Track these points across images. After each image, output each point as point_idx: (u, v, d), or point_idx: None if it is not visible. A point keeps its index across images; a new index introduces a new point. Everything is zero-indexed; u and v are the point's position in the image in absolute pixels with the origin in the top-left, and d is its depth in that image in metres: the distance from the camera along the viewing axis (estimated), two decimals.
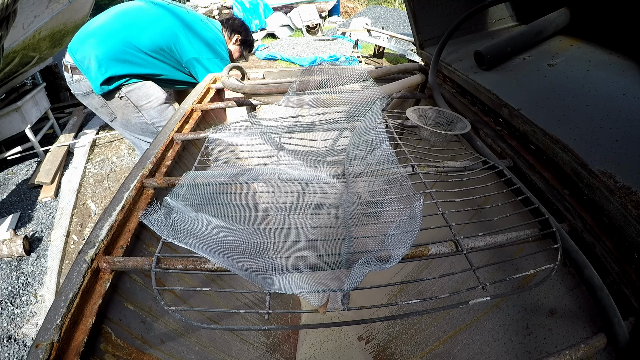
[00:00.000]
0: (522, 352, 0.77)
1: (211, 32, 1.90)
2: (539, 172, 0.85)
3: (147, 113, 1.85)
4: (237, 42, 2.05)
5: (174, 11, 1.82)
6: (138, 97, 1.79)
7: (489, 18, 1.49)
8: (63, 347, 0.55)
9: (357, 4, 10.27)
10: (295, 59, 5.48)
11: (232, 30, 2.01)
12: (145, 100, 1.81)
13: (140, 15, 1.75)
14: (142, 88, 1.79)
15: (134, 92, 1.78)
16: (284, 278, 0.56)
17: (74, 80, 1.74)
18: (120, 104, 1.79)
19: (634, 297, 0.60)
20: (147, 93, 1.81)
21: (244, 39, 2.06)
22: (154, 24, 1.74)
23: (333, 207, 0.83)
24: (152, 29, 1.73)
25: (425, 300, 0.59)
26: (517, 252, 0.89)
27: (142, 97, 1.80)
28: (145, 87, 1.80)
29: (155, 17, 1.76)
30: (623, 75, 0.91)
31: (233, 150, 1.00)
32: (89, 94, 1.77)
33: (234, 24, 2.03)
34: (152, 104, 1.83)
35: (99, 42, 1.66)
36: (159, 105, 1.85)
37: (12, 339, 1.68)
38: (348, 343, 1.37)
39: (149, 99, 1.81)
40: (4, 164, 3.10)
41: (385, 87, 1.11)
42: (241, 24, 2.06)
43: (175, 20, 1.78)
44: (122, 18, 1.73)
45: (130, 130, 1.93)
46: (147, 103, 1.82)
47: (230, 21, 2.04)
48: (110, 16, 1.74)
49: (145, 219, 0.60)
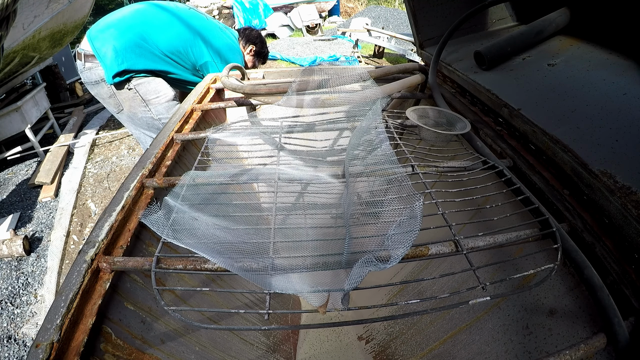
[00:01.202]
0: (522, 352, 0.77)
1: (228, 39, 1.97)
2: (539, 172, 0.85)
3: (154, 108, 1.87)
4: (252, 53, 2.09)
5: (194, 16, 1.89)
6: (147, 91, 1.82)
7: (489, 18, 1.49)
8: (63, 347, 0.55)
9: (357, 4, 10.27)
10: (295, 59, 5.48)
11: (248, 41, 2.06)
12: (154, 95, 1.83)
13: (160, 15, 1.81)
14: (152, 83, 1.82)
15: (144, 85, 1.80)
16: (284, 278, 0.56)
17: (86, 69, 1.77)
18: (129, 95, 1.82)
19: (634, 297, 0.60)
20: (156, 88, 1.83)
21: (259, 50, 2.10)
22: (172, 25, 1.80)
23: (333, 207, 0.83)
24: (170, 30, 1.79)
25: (425, 300, 0.59)
26: (517, 252, 0.89)
27: (150, 92, 1.83)
28: (155, 83, 1.83)
29: (174, 19, 1.82)
30: (623, 75, 0.91)
31: (233, 150, 1.00)
32: (98, 83, 1.79)
33: (250, 35, 2.08)
34: (160, 100, 1.85)
35: (119, 34, 1.70)
36: (166, 102, 1.87)
37: (12, 339, 1.68)
38: (348, 343, 1.37)
39: (157, 94, 1.84)
40: (4, 164, 3.10)
41: (385, 87, 1.11)
42: (257, 36, 2.10)
43: (194, 24, 1.85)
44: (142, 15, 1.79)
45: (136, 124, 1.96)
46: (155, 98, 1.84)
47: (247, 31, 2.09)
48: (131, 11, 1.80)
49: (145, 219, 0.60)
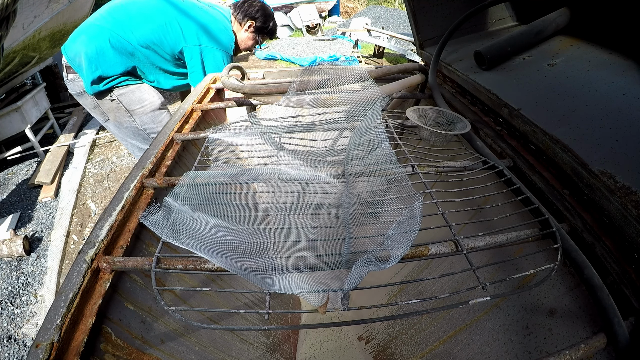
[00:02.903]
0: (522, 352, 0.77)
1: (209, 17, 1.73)
2: (539, 172, 0.85)
3: (139, 118, 1.77)
4: (250, 29, 1.83)
5: (169, 0, 1.70)
6: (130, 101, 1.72)
7: (489, 18, 1.49)
8: (63, 347, 0.55)
9: (357, 4, 10.27)
10: (295, 59, 5.48)
11: (245, 16, 1.79)
12: (138, 105, 1.74)
13: (131, 9, 1.67)
14: (136, 92, 1.72)
15: (127, 95, 1.71)
16: (284, 278, 0.56)
17: (69, 80, 1.71)
18: (112, 106, 1.73)
19: (634, 297, 0.60)
20: (140, 97, 1.73)
21: (261, 25, 1.83)
22: (144, 16, 1.65)
23: (333, 207, 0.83)
24: (142, 22, 1.64)
25: (425, 300, 0.59)
26: (517, 252, 0.89)
27: (134, 102, 1.73)
28: (140, 91, 1.73)
29: (146, 9, 1.67)
30: (623, 75, 0.91)
31: (233, 150, 1.00)
32: (82, 94, 1.73)
33: (248, 10, 1.79)
34: (145, 109, 1.76)
35: (89, 39, 1.60)
36: (152, 111, 1.78)
37: (12, 339, 1.68)
38: (348, 343, 1.37)
39: (142, 104, 1.74)
40: (4, 164, 3.10)
41: (385, 87, 1.11)
42: (258, 9, 1.80)
43: (167, 9, 1.67)
44: (113, 14, 1.66)
45: (124, 133, 1.87)
46: (139, 108, 1.74)
47: (245, 5, 1.79)
48: (102, 13, 1.68)
49: (145, 219, 0.60)
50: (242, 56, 5.96)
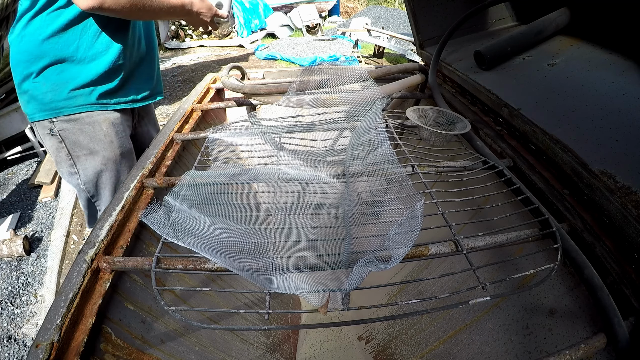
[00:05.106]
0: (522, 352, 0.77)
1: None
2: (539, 172, 0.85)
3: (83, 172, 1.11)
4: None
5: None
6: (76, 142, 1.07)
7: (489, 18, 1.49)
8: (63, 347, 0.55)
9: (357, 4, 10.27)
10: (295, 59, 5.48)
11: None
12: (86, 150, 1.09)
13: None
14: (92, 127, 1.07)
15: (73, 133, 1.06)
16: (284, 278, 0.56)
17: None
18: (53, 145, 1.07)
19: (634, 297, 0.60)
20: (94, 136, 1.08)
21: None
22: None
23: (333, 207, 0.83)
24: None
25: (425, 300, 0.59)
26: (517, 252, 0.89)
27: (82, 144, 1.07)
28: (95, 129, 1.07)
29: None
30: (623, 75, 0.91)
31: (233, 150, 1.00)
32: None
33: None
34: (96, 158, 1.11)
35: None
36: (103, 164, 1.11)
37: (12, 339, 1.68)
38: (348, 343, 1.37)
39: (90, 149, 1.09)
40: (4, 164, 3.10)
41: (385, 87, 1.11)
42: None
43: None
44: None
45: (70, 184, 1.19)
46: (87, 154, 1.09)
47: None
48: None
49: (145, 218, 0.60)
50: (242, 56, 5.97)
